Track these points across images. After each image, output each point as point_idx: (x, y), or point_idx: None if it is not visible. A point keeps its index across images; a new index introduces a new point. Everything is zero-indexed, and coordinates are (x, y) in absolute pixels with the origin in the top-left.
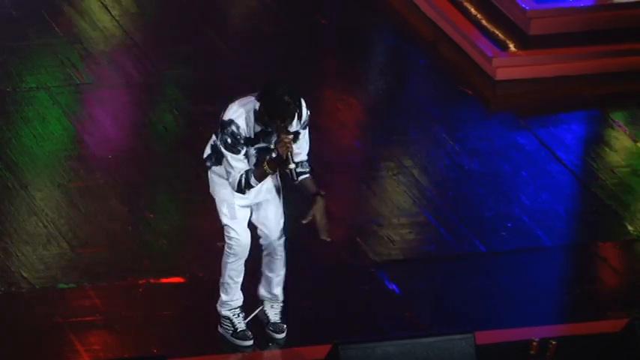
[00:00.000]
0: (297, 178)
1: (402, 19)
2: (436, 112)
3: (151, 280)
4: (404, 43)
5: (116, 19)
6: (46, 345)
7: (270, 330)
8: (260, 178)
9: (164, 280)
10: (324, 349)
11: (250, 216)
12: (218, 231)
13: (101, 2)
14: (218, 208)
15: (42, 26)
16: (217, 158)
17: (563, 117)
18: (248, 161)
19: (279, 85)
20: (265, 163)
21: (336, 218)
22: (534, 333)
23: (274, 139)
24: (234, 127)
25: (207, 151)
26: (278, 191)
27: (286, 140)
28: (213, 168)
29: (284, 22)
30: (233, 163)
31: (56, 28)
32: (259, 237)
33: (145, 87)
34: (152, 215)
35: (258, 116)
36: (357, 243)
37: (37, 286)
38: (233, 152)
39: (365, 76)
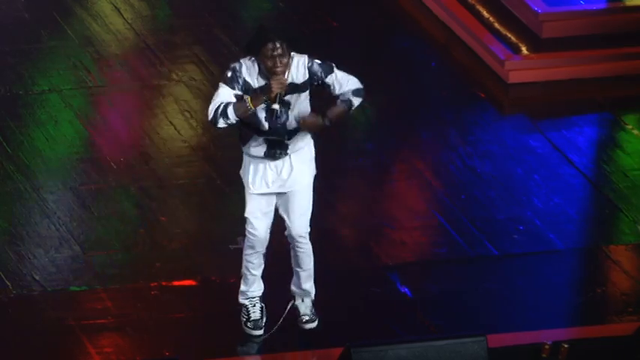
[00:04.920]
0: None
1: (414, 22)
2: (448, 114)
3: (163, 283)
4: (416, 45)
5: (128, 22)
6: (58, 347)
7: (301, 322)
8: (239, 111)
9: (176, 283)
10: (336, 352)
11: (278, 208)
12: (230, 233)
13: (114, 5)
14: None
15: (54, 29)
16: (241, 134)
17: (575, 120)
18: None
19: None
20: (248, 97)
21: (348, 221)
22: (546, 336)
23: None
24: (237, 65)
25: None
26: (308, 184)
27: (282, 80)
28: (243, 148)
29: (296, 25)
30: (220, 91)
31: (69, 31)
32: (285, 228)
33: (157, 89)
34: (164, 218)
35: (259, 66)
36: (370, 245)
37: (49, 289)
38: (227, 85)
39: (377, 79)
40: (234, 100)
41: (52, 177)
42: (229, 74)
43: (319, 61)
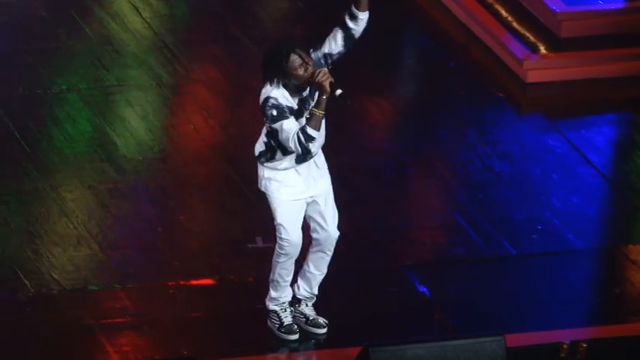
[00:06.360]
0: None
1: (433, 22)
2: (467, 114)
3: (181, 282)
4: (434, 45)
5: (147, 21)
6: (77, 346)
7: (312, 326)
8: (316, 125)
9: (194, 282)
10: (354, 351)
11: (305, 212)
12: (249, 233)
13: (132, 4)
14: (271, 206)
15: (73, 28)
16: (272, 153)
17: (594, 119)
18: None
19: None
20: (313, 109)
21: (366, 220)
22: (565, 335)
23: (314, 100)
24: (272, 100)
25: (260, 148)
26: (329, 187)
27: (323, 71)
28: (267, 164)
29: (314, 25)
30: (286, 127)
31: (87, 30)
32: (313, 231)
33: (175, 88)
34: (182, 217)
35: (286, 87)
36: (388, 245)
37: (68, 288)
38: (283, 119)
39: (395, 79)
40: (298, 124)
41: (70, 176)
42: (275, 112)
43: (312, 50)
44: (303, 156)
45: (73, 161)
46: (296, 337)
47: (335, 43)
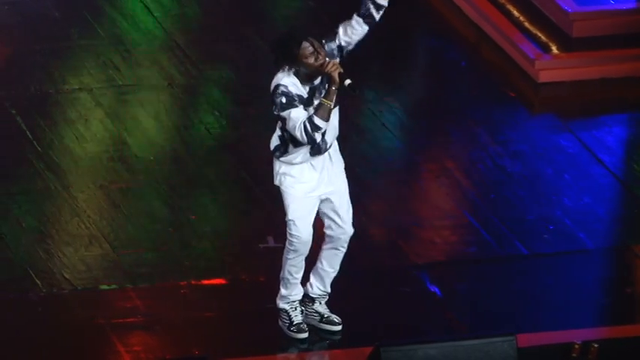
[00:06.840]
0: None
1: (444, 21)
2: (478, 114)
3: (193, 282)
4: (445, 44)
5: (158, 21)
6: (88, 346)
7: (327, 324)
8: (323, 115)
9: (205, 282)
10: (365, 351)
11: (319, 209)
12: (260, 232)
13: (143, 4)
14: (284, 202)
15: (84, 27)
16: (285, 147)
17: (605, 119)
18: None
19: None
20: (321, 99)
21: (377, 220)
22: (576, 336)
23: (325, 89)
24: (282, 88)
25: (275, 142)
26: (344, 184)
27: (333, 62)
28: (282, 158)
29: (326, 24)
30: (294, 115)
31: (99, 30)
32: (328, 228)
33: (187, 88)
34: (194, 217)
35: (297, 75)
36: (399, 244)
37: (79, 288)
38: (291, 107)
39: (406, 78)
40: (306, 113)
41: (82, 175)
42: (284, 100)
43: (324, 41)
44: (314, 147)
45: (84, 161)
46: (305, 335)
47: (352, 34)
